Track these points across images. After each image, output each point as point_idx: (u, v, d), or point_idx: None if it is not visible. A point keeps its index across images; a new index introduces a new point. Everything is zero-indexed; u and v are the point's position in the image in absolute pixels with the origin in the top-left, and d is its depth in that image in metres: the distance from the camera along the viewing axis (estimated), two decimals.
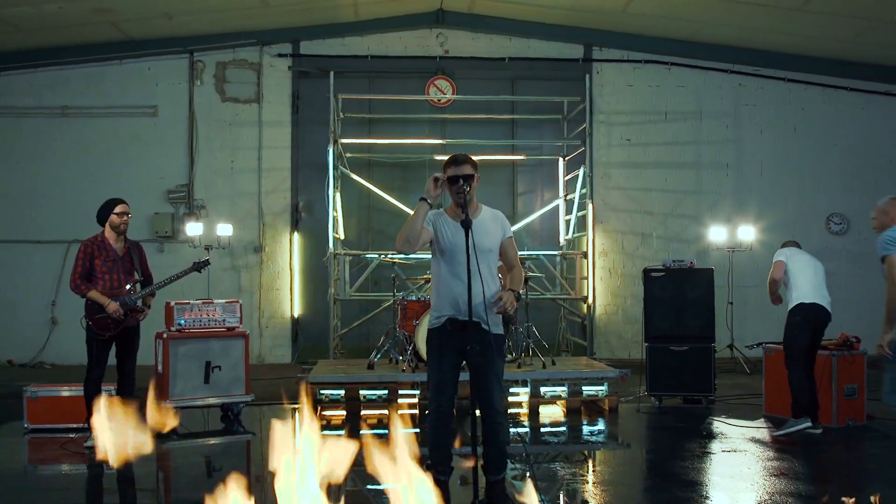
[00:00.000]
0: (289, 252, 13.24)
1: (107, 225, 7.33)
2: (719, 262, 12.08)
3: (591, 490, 6.06)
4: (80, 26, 12.32)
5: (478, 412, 4.93)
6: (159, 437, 7.66)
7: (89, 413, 7.21)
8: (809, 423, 7.64)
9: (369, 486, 5.82)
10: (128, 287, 7.30)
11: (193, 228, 12.24)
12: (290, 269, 13.24)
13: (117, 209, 7.31)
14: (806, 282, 7.92)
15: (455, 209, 5.14)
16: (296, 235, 13.27)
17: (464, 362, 5.09)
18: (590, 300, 12.23)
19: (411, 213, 5.12)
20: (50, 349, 12.73)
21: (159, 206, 13.12)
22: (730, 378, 11.02)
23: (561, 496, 5.89)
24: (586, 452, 7.41)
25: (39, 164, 13.02)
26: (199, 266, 7.90)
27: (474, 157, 5.16)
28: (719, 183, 13.81)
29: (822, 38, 12.94)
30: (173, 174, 13.22)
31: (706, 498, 5.75)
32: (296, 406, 9.18)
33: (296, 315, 13.24)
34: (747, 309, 12.58)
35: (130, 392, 7.38)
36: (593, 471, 6.82)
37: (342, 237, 12.21)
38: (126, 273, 7.34)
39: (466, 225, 4.75)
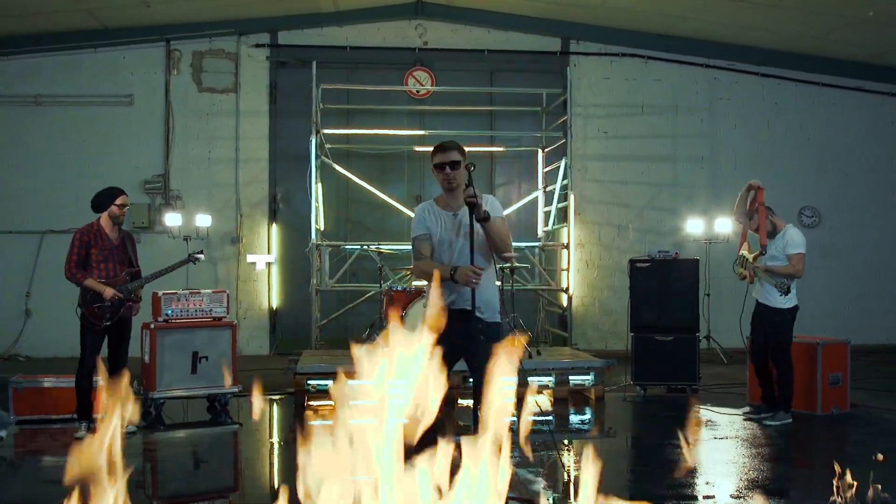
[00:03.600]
0: (266, 243, 13.13)
1: (105, 214, 7.21)
2: (695, 254, 12.16)
3: (589, 478, 6.08)
4: (54, 13, 12.11)
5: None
6: (147, 428, 7.68)
7: (80, 404, 7.14)
8: (790, 420, 7.73)
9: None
10: (125, 276, 7.21)
11: (172, 219, 12.06)
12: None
13: (118, 200, 7.17)
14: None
15: (446, 198, 5.08)
16: (274, 227, 13.18)
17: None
18: (570, 291, 12.30)
19: (393, 202, 5.09)
20: (24, 341, 12.48)
21: (135, 197, 12.81)
22: (708, 368, 11.12)
23: (562, 484, 5.93)
24: (578, 441, 7.44)
25: (11, 153, 12.76)
26: (193, 258, 7.87)
27: None
28: (695, 176, 13.95)
29: (796, 34, 13.14)
30: (149, 164, 13.05)
31: (709, 483, 5.81)
32: (281, 396, 9.13)
33: (274, 307, 13.15)
34: (722, 300, 12.68)
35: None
36: (588, 458, 6.84)
37: (322, 228, 12.15)
38: (121, 263, 7.23)
39: (471, 208, 4.73)
